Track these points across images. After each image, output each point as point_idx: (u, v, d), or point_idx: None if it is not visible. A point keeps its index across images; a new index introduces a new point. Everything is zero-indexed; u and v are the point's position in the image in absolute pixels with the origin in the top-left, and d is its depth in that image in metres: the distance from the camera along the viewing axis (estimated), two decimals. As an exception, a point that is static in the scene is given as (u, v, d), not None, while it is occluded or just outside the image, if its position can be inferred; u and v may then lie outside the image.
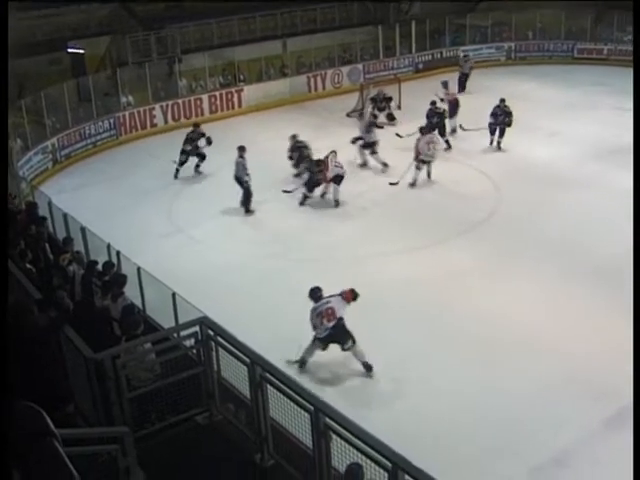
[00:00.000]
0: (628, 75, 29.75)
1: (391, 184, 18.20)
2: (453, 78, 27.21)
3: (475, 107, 22.65)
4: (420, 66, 30.70)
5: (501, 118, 20.72)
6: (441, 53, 31.69)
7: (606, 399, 10.39)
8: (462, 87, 27.32)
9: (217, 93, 25.68)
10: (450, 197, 17.85)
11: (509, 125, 20.62)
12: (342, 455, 5.84)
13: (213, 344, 7.38)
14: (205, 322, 7.39)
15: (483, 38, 32.98)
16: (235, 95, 26.03)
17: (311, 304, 11.15)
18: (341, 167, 17.43)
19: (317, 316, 11.08)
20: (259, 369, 6.77)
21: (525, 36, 33.30)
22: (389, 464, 5.27)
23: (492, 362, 11.27)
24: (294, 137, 19.50)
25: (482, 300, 12.94)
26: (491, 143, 21.07)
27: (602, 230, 15.67)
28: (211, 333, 7.33)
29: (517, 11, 32.17)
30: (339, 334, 11.08)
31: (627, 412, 10.04)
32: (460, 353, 11.53)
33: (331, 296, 11.19)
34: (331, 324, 11.02)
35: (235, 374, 7.31)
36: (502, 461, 9.15)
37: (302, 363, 11.34)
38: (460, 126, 22.13)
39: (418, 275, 13.91)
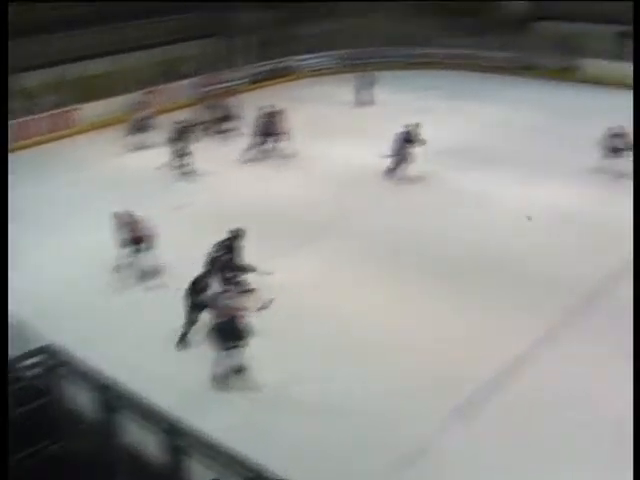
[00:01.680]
0: (460, 78, 31.19)
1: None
2: (287, 88, 27.55)
3: (311, 117, 22.87)
4: (256, 77, 30.75)
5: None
6: (275, 64, 31.83)
7: (455, 388, 10.77)
8: (361, 98, 27.86)
9: (48, 114, 24.80)
10: (292, 205, 17.94)
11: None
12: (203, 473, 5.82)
13: (59, 372, 7.18)
14: (48, 349, 7.18)
15: (317, 47, 33.29)
16: (67, 115, 25.28)
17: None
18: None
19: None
20: (109, 393, 6.65)
21: (360, 43, 33.84)
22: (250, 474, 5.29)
23: (350, 362, 11.53)
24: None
25: (339, 304, 13.11)
26: None
27: (437, 230, 16.22)
28: (55, 361, 7.13)
29: (351, 18, 32.62)
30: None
31: (476, 398, 10.52)
32: (323, 355, 11.74)
33: None
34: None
35: (84, 400, 7.14)
36: (364, 456, 9.30)
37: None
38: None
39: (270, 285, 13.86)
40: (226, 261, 13.30)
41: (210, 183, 19.63)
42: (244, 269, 13.31)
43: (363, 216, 17.18)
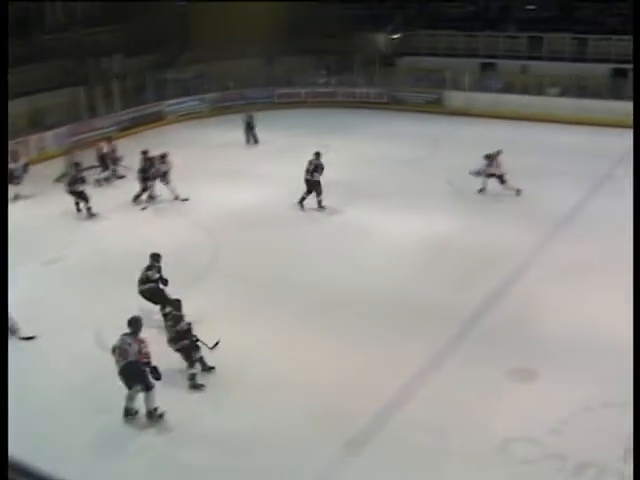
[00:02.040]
0: (325, 115, 31.75)
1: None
2: (158, 133, 27.41)
3: (183, 161, 22.72)
4: (126, 124, 30.40)
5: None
6: (145, 109, 31.61)
7: (343, 423, 10.75)
8: (248, 139, 28.02)
9: None
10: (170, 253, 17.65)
11: None
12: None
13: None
14: None
15: (185, 91, 33.35)
16: None
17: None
18: None
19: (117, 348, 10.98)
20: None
21: (226, 86, 34.11)
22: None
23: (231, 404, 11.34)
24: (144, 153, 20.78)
25: (229, 345, 12.88)
26: None
27: (316, 264, 16.30)
28: None
29: (216, 62, 32.85)
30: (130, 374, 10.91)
31: (361, 436, 10.53)
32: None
33: (136, 342, 10.93)
34: (123, 363, 10.88)
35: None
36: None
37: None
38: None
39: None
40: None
41: (90, 231, 19.18)
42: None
43: (249, 256, 17.05)
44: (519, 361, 12.30)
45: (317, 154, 20.08)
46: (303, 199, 19.91)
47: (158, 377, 10.94)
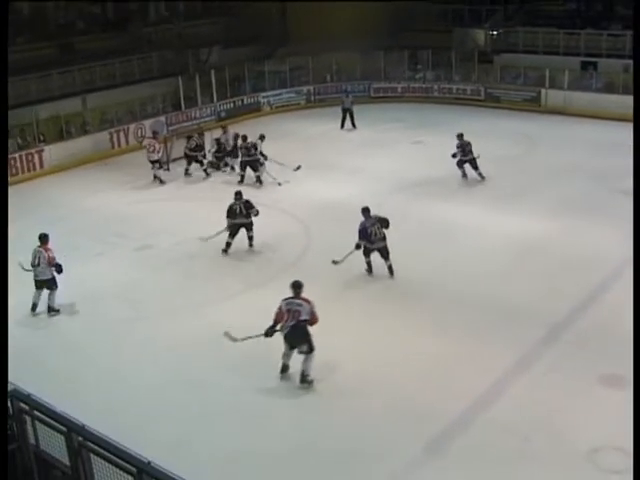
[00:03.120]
0: (421, 110, 31.66)
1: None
2: (254, 124, 27.79)
3: (279, 152, 23.00)
4: (222, 114, 30.93)
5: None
6: (242, 100, 32.10)
7: (426, 422, 10.76)
8: (343, 123, 29.02)
9: (16, 155, 24.69)
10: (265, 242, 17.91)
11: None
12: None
13: (28, 418, 7.10)
14: (15, 395, 7.11)
15: (282, 83, 33.74)
16: (36, 156, 25.23)
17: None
18: None
19: (286, 311, 11.65)
20: (77, 438, 6.59)
21: (323, 79, 34.38)
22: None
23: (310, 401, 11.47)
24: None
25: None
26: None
27: (406, 263, 16.19)
28: (24, 406, 7.06)
29: (314, 55, 33.19)
30: (298, 334, 11.61)
31: (442, 436, 10.52)
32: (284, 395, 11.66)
33: (306, 302, 11.65)
34: (291, 323, 11.59)
35: (54, 446, 7.06)
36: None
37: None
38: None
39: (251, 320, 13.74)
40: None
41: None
42: None
43: (339, 248, 17.12)
44: (608, 368, 12.06)
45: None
46: None
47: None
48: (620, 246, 16.71)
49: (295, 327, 11.62)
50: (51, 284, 14.52)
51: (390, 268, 15.55)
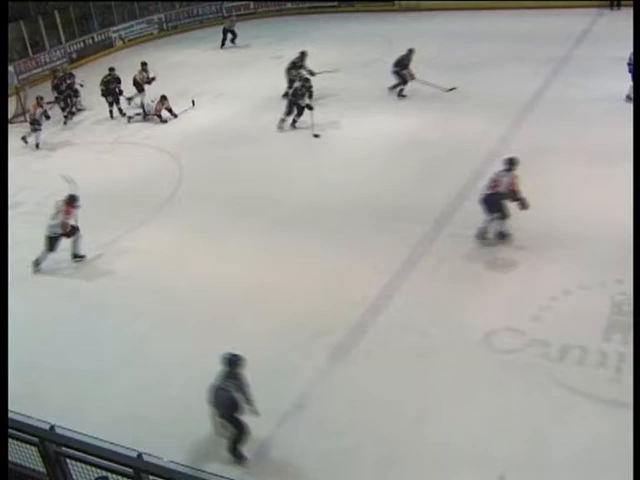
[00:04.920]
0: (276, 24, 31.18)
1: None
2: (109, 61, 26.76)
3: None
4: (74, 55, 29.59)
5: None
6: (92, 38, 30.70)
7: (327, 333, 10.78)
8: (223, 43, 28.83)
9: None
10: (135, 180, 17.37)
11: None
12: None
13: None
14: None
15: (132, 15, 32.46)
16: None
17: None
18: None
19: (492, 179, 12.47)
20: (52, 445, 6.29)
21: (172, 5, 33.28)
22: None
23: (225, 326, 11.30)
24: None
25: (205, 271, 12.85)
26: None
27: (288, 177, 16.12)
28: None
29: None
30: (491, 203, 12.34)
31: (344, 344, 10.58)
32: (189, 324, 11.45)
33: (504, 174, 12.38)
34: (488, 191, 12.36)
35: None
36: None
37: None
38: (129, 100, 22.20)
39: (127, 265, 13.43)
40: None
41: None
42: None
43: (217, 176, 16.83)
44: (494, 252, 12.38)
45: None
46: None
47: (525, 206, 12.42)
48: (489, 130, 17.07)
49: (493, 195, 12.30)
50: None
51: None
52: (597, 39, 21.67)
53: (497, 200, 12.33)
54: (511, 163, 12.42)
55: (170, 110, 20.82)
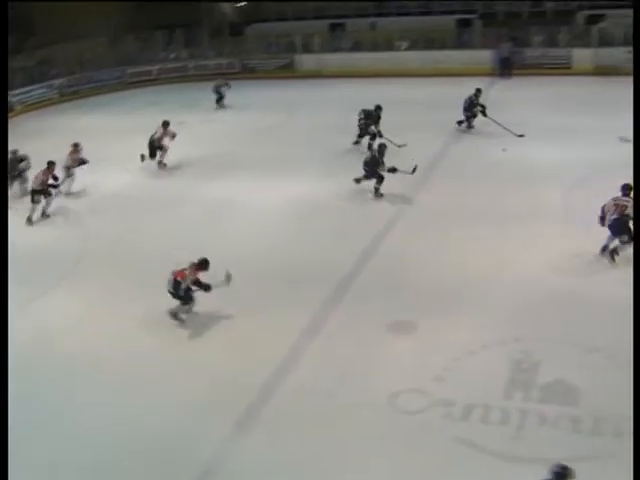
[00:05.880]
0: (179, 91, 31.29)
1: None
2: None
3: (36, 151, 21.63)
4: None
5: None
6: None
7: (232, 400, 10.65)
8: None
9: None
10: (34, 244, 16.98)
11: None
12: None
13: None
14: None
15: (32, 79, 32.02)
16: None
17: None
18: None
19: (612, 205, 13.39)
20: None
21: (74, 70, 33.01)
22: None
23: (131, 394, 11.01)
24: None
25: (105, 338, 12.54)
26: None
27: (196, 239, 15.83)
28: None
29: (62, 45, 31.73)
30: (619, 226, 13.32)
31: (251, 409, 10.46)
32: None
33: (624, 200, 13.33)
34: (614, 216, 13.32)
35: None
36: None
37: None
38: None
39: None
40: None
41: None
42: None
43: (123, 240, 16.55)
44: (397, 314, 12.48)
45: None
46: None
47: None
48: (392, 194, 17.40)
49: (618, 220, 13.27)
50: None
51: None
52: (490, 105, 22.41)
53: (625, 223, 13.36)
54: (628, 188, 13.50)
55: (55, 178, 19.13)
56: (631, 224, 13.19)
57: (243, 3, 35.07)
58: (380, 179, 17.50)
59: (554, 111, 23.57)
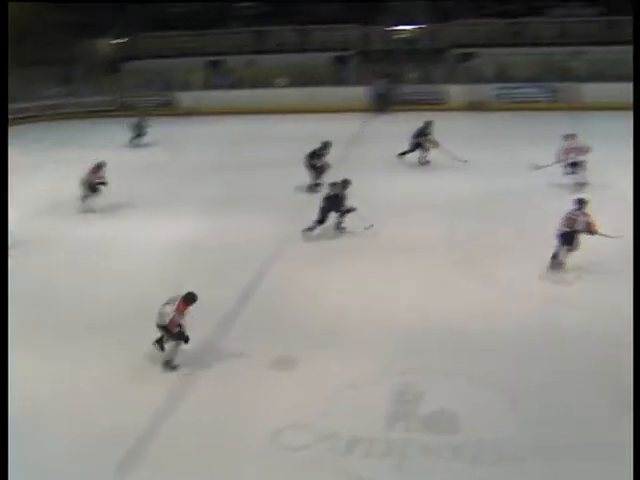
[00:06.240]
0: (55, 129, 30.59)
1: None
2: None
3: None
4: None
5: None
6: None
7: (112, 445, 10.34)
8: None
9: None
10: None
11: None
12: None
13: None
14: None
15: None
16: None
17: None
18: None
19: (565, 218, 14.52)
20: None
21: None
22: None
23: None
24: None
25: None
26: None
27: (76, 289, 15.48)
28: None
29: None
30: (567, 238, 14.47)
31: (136, 450, 10.17)
32: None
33: (580, 215, 14.42)
34: (565, 229, 14.45)
35: None
36: None
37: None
38: None
39: None
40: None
41: None
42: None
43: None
44: (279, 350, 12.42)
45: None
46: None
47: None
48: (273, 233, 17.44)
49: (567, 232, 14.44)
50: None
51: None
52: (368, 140, 22.84)
53: (573, 236, 14.50)
54: (582, 203, 14.64)
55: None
56: (579, 236, 14.45)
57: (119, 40, 34.70)
58: (342, 214, 17.42)
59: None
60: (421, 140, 22.43)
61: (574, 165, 19.23)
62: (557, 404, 10.55)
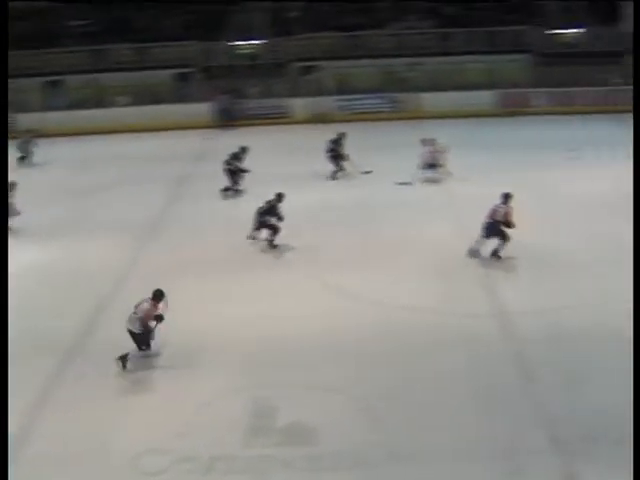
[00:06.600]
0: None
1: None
2: None
3: None
4: None
5: None
6: None
7: None
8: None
9: None
10: None
11: None
12: None
13: None
14: None
15: None
16: None
17: None
18: None
19: (490, 210, 15.34)
20: None
21: None
22: None
23: None
24: None
25: None
26: None
27: None
28: None
29: None
30: (490, 229, 15.36)
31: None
32: None
33: (502, 207, 15.30)
34: (488, 220, 15.27)
35: None
36: None
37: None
38: None
39: None
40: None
41: None
42: None
43: None
44: (132, 374, 12.21)
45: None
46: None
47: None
48: (115, 256, 17.01)
49: (490, 223, 15.26)
50: None
51: None
52: (214, 156, 22.72)
53: (496, 227, 15.25)
54: (507, 197, 15.39)
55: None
56: (501, 227, 15.27)
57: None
58: (275, 230, 17.13)
59: (280, 159, 24.50)
60: (336, 153, 22.86)
61: (433, 166, 21.43)
62: (407, 408, 10.85)
